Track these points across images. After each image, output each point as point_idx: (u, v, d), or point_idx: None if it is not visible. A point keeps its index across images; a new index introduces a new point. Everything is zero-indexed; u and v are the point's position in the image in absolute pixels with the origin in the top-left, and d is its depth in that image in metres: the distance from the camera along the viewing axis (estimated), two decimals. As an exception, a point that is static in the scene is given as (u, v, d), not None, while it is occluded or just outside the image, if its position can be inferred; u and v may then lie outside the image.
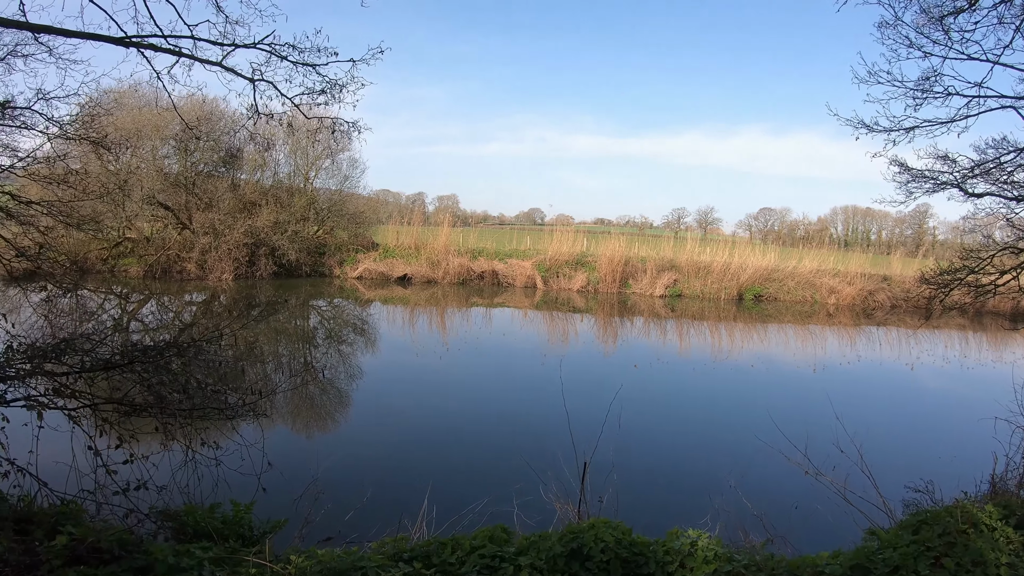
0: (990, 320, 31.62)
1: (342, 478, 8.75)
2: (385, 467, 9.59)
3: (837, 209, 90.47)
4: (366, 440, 10.99)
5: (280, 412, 11.66)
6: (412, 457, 10.11)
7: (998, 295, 11.24)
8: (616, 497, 6.95)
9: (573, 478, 6.93)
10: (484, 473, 9.46)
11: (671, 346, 21.03)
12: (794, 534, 6.72)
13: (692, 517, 6.70)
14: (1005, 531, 5.50)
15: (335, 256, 33.35)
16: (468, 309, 26.78)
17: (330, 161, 34.40)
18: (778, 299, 33.77)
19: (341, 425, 11.85)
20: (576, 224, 45.60)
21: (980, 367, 19.93)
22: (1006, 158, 9.82)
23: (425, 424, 11.82)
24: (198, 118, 27.60)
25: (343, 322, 22.95)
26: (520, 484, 7.50)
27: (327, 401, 13.13)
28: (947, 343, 24.43)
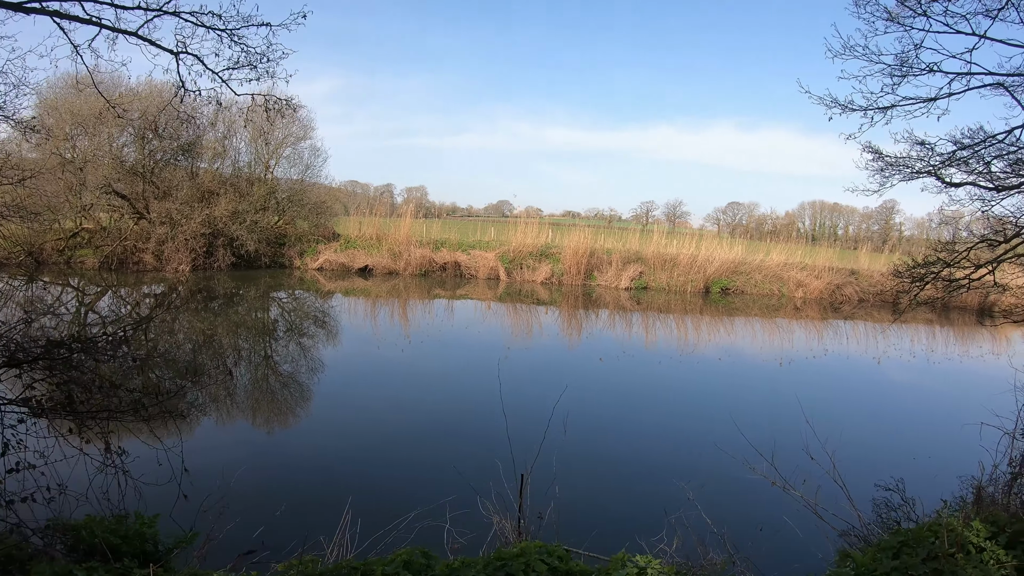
0: (957, 315, 31.75)
1: (259, 487, 7.99)
2: (308, 475, 8.73)
3: (805, 204, 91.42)
4: (291, 444, 10.14)
5: (205, 412, 10.80)
6: (339, 464, 9.25)
7: (968, 290, 10.80)
8: (560, 511, 6.27)
9: (512, 489, 6.22)
10: (418, 482, 8.59)
11: (636, 339, 20.54)
12: (759, 552, 6.11)
13: (646, 533, 6.12)
14: (996, 552, 4.92)
15: (295, 247, 32.95)
16: (430, 301, 26.17)
17: (291, 150, 34.00)
18: (745, 292, 33.65)
19: (267, 428, 10.94)
20: (545, 216, 45.14)
21: (947, 362, 19.77)
22: (986, 150, 9.29)
23: (358, 427, 10.94)
24: (158, 106, 26.58)
25: (299, 315, 22.07)
26: (455, 495, 6.82)
27: (257, 401, 12.20)
28: (914, 338, 24.39)
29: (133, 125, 28.37)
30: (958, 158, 9.39)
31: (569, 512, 6.77)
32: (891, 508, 7.49)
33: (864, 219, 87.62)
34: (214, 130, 31.46)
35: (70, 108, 27.20)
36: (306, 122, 34.01)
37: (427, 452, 9.86)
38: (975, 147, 9.26)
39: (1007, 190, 9.40)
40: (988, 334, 26.57)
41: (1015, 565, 4.77)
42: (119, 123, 27.39)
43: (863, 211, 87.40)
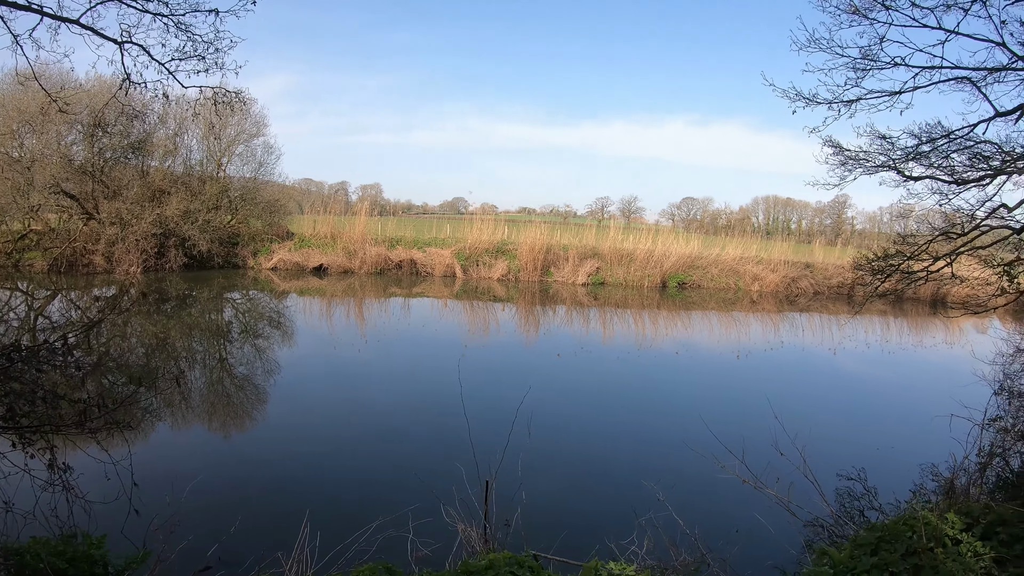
0: (910, 306, 32.55)
1: (213, 499, 7.57)
2: (264, 484, 8.30)
3: (758, 199, 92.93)
4: (246, 452, 9.64)
5: (157, 420, 10.31)
6: (296, 472, 8.82)
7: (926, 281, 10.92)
8: (527, 516, 6.04)
9: (477, 495, 6.01)
10: (378, 490, 8.28)
11: (594, 335, 20.48)
12: (733, 552, 5.97)
13: (616, 535, 5.95)
14: (973, 544, 4.88)
15: (249, 246, 32.26)
16: (386, 300, 25.83)
17: (244, 147, 33.35)
18: (702, 286, 33.99)
19: (220, 436, 10.44)
20: (501, 213, 45.02)
21: (905, 352, 20.26)
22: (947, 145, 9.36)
23: (314, 432, 10.46)
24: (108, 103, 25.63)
25: (254, 316, 21.38)
26: (417, 503, 6.55)
27: (210, 408, 11.64)
28: (870, 329, 24.84)
29: (81, 122, 27.45)
30: (920, 152, 9.47)
31: (536, 516, 6.55)
32: (857, 499, 7.50)
33: (817, 213, 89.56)
34: (165, 127, 30.79)
35: (16, 104, 26.06)
36: (259, 119, 33.50)
37: (387, 458, 9.51)
38: (936, 141, 9.34)
39: (966, 184, 9.49)
40: (942, 324, 27.31)
41: (992, 557, 4.74)
42: (67, 120, 26.38)
43: (816, 206, 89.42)
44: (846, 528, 6.37)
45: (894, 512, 6.89)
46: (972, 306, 11.18)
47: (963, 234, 9.98)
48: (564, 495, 8.33)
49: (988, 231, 9.91)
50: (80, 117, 26.97)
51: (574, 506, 8.05)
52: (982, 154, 9.12)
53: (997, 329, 24.78)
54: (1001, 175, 9.18)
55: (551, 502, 7.89)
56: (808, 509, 6.70)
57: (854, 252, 39.47)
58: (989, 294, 10.91)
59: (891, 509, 7.16)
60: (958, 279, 10.76)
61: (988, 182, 9.41)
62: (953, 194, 9.82)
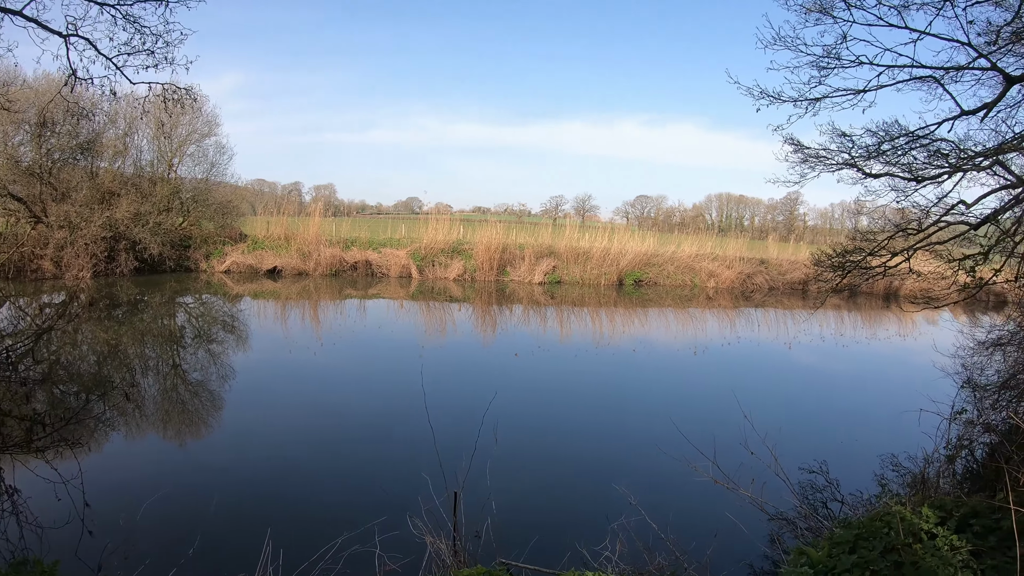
0: (864, 300, 33.43)
1: (170, 517, 7.18)
2: (222, 499, 7.84)
3: (711, 196, 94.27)
4: (203, 465, 9.11)
5: (107, 434, 9.80)
6: (254, 486, 8.44)
7: (884, 276, 11.13)
8: (497, 524, 5.92)
9: (445, 505, 5.88)
10: (342, 503, 7.93)
11: (552, 333, 20.42)
12: (708, 553, 5.93)
13: (588, 541, 5.90)
14: (949, 538, 4.92)
15: (201, 249, 31.64)
16: (342, 301, 25.43)
17: (195, 147, 32.71)
18: (658, 284, 34.35)
19: (175, 448, 9.90)
20: (456, 213, 44.93)
21: (861, 346, 20.69)
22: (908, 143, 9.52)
23: (272, 443, 10.03)
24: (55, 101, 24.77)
25: (207, 320, 20.65)
26: (384, 516, 6.34)
27: (164, 418, 11.08)
28: (824, 323, 25.34)
29: (28, 122, 26.51)
30: (881, 150, 9.61)
31: (506, 524, 6.42)
32: (829, 494, 7.54)
33: (770, 210, 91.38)
34: (115, 127, 29.94)
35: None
36: (211, 118, 32.80)
37: (350, 468, 9.17)
38: (896, 139, 9.50)
39: (925, 181, 9.66)
40: (895, 318, 28.03)
41: (969, 550, 4.79)
42: (13, 120, 25.42)
43: (768, 203, 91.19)
44: (821, 526, 6.38)
45: (867, 507, 6.96)
46: (933, 300, 11.41)
47: (922, 230, 10.17)
48: (533, 501, 8.18)
49: (946, 227, 10.11)
50: (27, 116, 26.06)
51: (544, 512, 7.89)
52: (941, 151, 9.29)
53: (949, 321, 25.52)
54: (958, 172, 9.36)
55: (521, 509, 7.75)
56: (782, 507, 6.73)
57: (807, 248, 40.51)
58: (944, 288, 11.16)
59: (864, 504, 7.23)
60: (915, 274, 10.94)
61: (945, 179, 9.62)
62: (911, 191, 10.02)
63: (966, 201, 9.58)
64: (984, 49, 8.07)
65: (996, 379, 8.05)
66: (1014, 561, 4.56)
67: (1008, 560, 4.66)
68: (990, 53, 8.05)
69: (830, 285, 11.82)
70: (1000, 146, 8.71)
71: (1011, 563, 4.58)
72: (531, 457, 9.72)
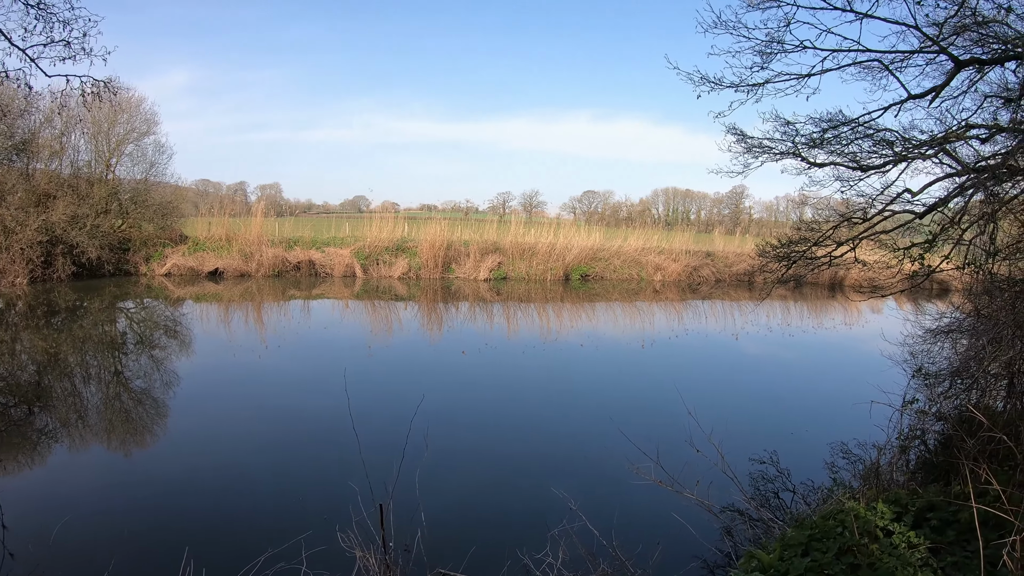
0: (810, 290, 33.99)
1: (87, 538, 6.65)
2: (140, 516, 7.29)
3: (658, 191, 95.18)
4: (120, 479, 8.47)
5: (29, 449, 9.15)
6: (173, 500, 7.80)
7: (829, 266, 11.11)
8: (432, 534, 5.57)
9: (374, 516, 5.50)
10: (267, 517, 7.37)
11: (498, 330, 20.18)
12: (654, 557, 5.68)
13: (529, 548, 5.62)
14: (906, 535, 4.75)
15: (141, 252, 30.70)
16: (286, 303, 24.74)
17: (134, 146, 31.65)
18: (605, 278, 34.47)
19: (97, 462, 9.14)
20: (402, 210, 44.53)
21: (804, 335, 21.06)
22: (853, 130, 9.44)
23: (195, 454, 9.35)
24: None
25: (148, 326, 19.70)
26: (311, 530, 5.93)
27: (84, 431, 10.25)
28: (770, 313, 25.79)
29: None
30: (825, 139, 9.50)
31: (441, 534, 6.11)
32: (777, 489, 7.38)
33: (715, 203, 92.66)
34: (51, 126, 28.76)
35: None
36: (149, 116, 31.83)
37: (278, 478, 8.56)
38: (840, 127, 9.40)
39: (869, 170, 9.60)
40: (841, 307, 28.52)
41: (928, 546, 4.62)
42: None
43: (714, 196, 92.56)
44: (771, 525, 6.19)
45: (818, 501, 6.83)
46: (880, 289, 11.41)
47: (867, 219, 10.13)
48: (469, 509, 7.79)
49: (891, 216, 10.08)
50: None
51: (482, 520, 7.53)
52: (886, 140, 9.22)
53: (893, 309, 26.05)
54: (904, 161, 9.30)
55: (458, 517, 7.38)
56: (730, 506, 6.54)
57: (753, 240, 41.07)
58: (890, 277, 11.17)
59: (815, 497, 7.10)
60: (861, 263, 10.91)
61: (890, 168, 9.56)
62: (856, 180, 9.96)
63: (912, 190, 9.55)
64: (932, 32, 7.98)
65: (947, 367, 7.99)
66: (975, 556, 4.42)
67: (968, 555, 4.52)
68: (938, 37, 7.96)
69: (776, 276, 11.73)
70: (946, 134, 8.66)
71: (972, 558, 4.44)
72: (468, 461, 9.30)
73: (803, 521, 5.35)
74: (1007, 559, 3.47)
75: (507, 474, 8.90)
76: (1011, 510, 3.95)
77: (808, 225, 11.23)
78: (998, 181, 7.48)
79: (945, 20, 7.80)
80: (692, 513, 6.56)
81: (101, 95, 8.44)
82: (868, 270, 12.21)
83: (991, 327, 5.75)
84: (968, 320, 8.15)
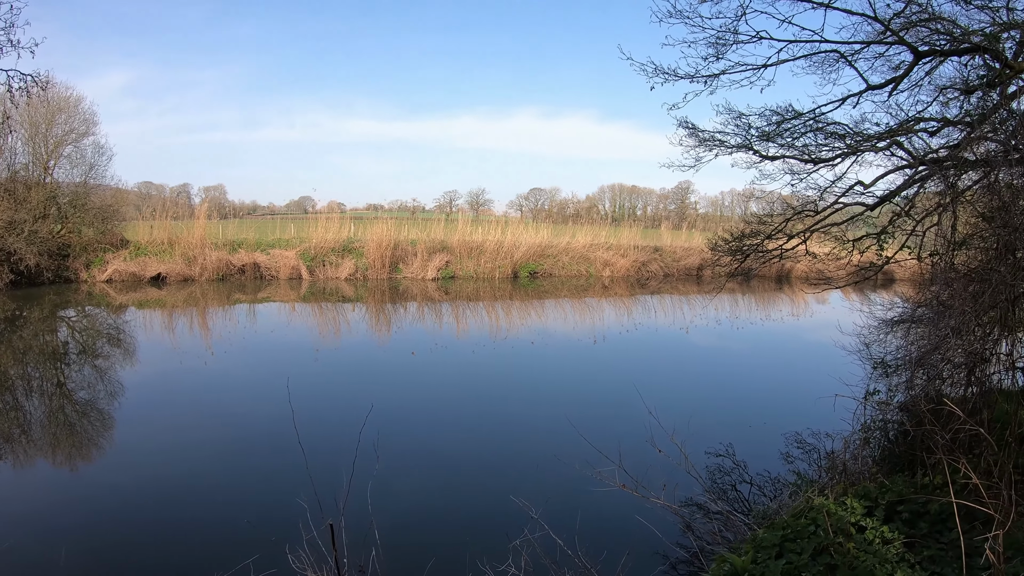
0: (757, 283, 34.51)
1: (24, 565, 6.20)
2: (78, 545, 6.65)
3: (604, 187, 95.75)
4: (58, 499, 7.85)
5: None
6: (114, 524, 7.26)
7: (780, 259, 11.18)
8: (387, 551, 5.27)
9: (325, 534, 5.19)
10: (214, 539, 6.92)
11: (448, 329, 19.93)
12: (621, 562, 5.52)
13: (490, 560, 5.38)
14: (879, 530, 4.69)
15: (81, 258, 29.40)
16: (231, 307, 23.99)
17: (73, 147, 30.33)
18: (553, 275, 34.55)
19: (30, 484, 8.51)
20: (348, 210, 43.90)
21: (752, 327, 21.37)
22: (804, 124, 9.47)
23: (143, 472, 8.72)
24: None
25: (90, 335, 18.76)
26: (259, 552, 5.60)
27: (26, 449, 9.59)
28: (719, 307, 26.05)
29: None
30: (779, 131, 9.51)
31: (398, 549, 5.86)
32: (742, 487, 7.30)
33: (662, 199, 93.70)
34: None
35: None
36: (88, 116, 30.44)
37: (222, 497, 8.04)
38: (792, 120, 9.43)
39: (822, 162, 9.65)
40: (788, 299, 29.01)
41: (903, 541, 4.56)
42: None
43: (660, 192, 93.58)
44: (739, 526, 6.09)
45: (780, 494, 6.77)
46: (832, 280, 11.50)
47: (818, 212, 10.20)
48: (427, 521, 7.50)
49: (842, 208, 10.16)
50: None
51: (439, 532, 7.24)
52: (837, 133, 9.27)
53: (840, 300, 26.53)
54: (855, 153, 9.38)
55: (414, 530, 7.10)
56: (696, 506, 6.43)
57: (700, 235, 41.59)
58: (839, 268, 11.27)
59: (782, 491, 7.04)
60: (811, 255, 10.98)
61: (840, 161, 9.63)
62: (807, 173, 10.02)
63: (863, 182, 9.65)
64: (896, 25, 8.01)
65: (904, 357, 8.03)
66: (950, 548, 4.38)
67: (943, 547, 4.48)
68: (898, 29, 7.99)
69: (727, 269, 11.76)
70: (898, 126, 8.74)
71: (947, 551, 4.39)
72: (423, 469, 8.96)
73: (775, 522, 5.25)
74: (989, 553, 3.39)
75: (464, 482, 8.60)
76: (991, 503, 3.88)
77: (760, 219, 11.27)
78: (958, 172, 7.53)
79: (903, 10, 7.84)
80: (657, 515, 6.40)
81: (30, 90, 8.26)
82: (817, 262, 12.30)
83: (954, 317, 5.74)
84: (922, 310, 8.19)
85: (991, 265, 5.72)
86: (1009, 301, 5.43)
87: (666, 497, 6.25)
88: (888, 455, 6.98)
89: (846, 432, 7.27)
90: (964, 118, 7.96)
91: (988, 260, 6.00)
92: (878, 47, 8.62)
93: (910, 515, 4.90)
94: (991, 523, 3.59)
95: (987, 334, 5.87)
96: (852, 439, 6.85)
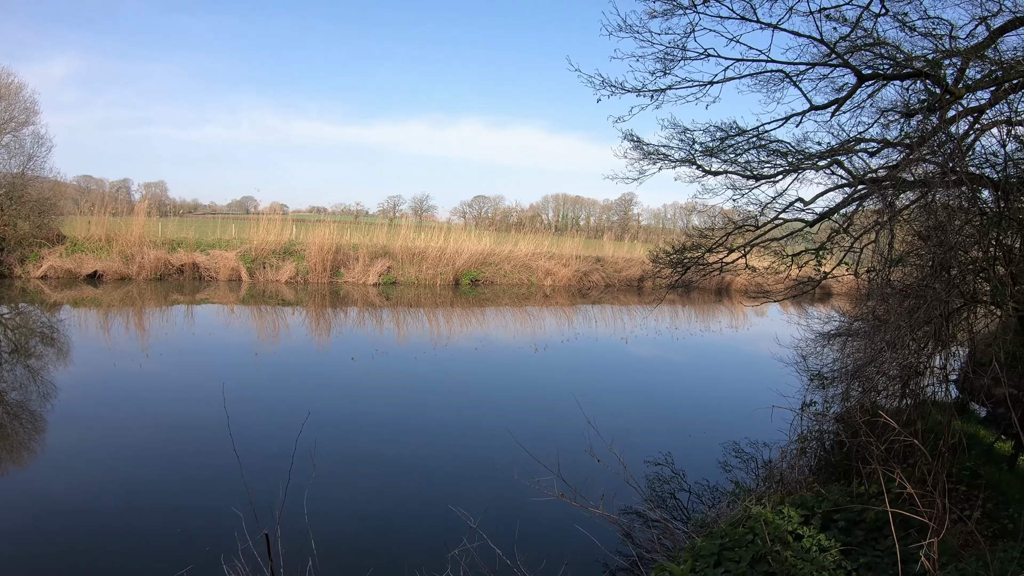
0: (697, 295, 35.19)
1: None
2: (6, 557, 6.28)
3: (548, 197, 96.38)
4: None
5: None
6: (38, 535, 6.79)
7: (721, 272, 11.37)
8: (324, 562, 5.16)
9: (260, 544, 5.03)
10: (144, 551, 6.54)
11: (389, 336, 19.67)
12: (559, 574, 5.48)
13: (428, 570, 5.36)
14: (816, 538, 4.76)
15: (15, 252, 28.24)
16: (168, 308, 23.14)
17: (11, 137, 29.10)
18: (495, 283, 34.54)
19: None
20: (291, 212, 43.07)
21: (691, 337, 21.78)
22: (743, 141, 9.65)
23: (70, 482, 8.24)
24: None
25: (21, 333, 17.66)
26: (193, 563, 5.43)
27: None
28: (659, 318, 26.49)
29: None
30: (723, 147, 9.67)
31: (335, 559, 5.69)
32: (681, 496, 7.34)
33: (605, 210, 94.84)
34: None
35: None
36: (29, 104, 29.18)
37: (155, 505, 7.64)
38: (736, 137, 9.60)
39: (763, 179, 9.84)
40: (728, 311, 29.54)
41: (840, 549, 4.63)
42: None
43: (604, 203, 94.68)
44: (678, 534, 6.12)
45: (718, 502, 6.83)
46: (772, 294, 11.72)
47: (759, 227, 10.39)
48: (365, 531, 7.34)
49: (783, 224, 10.37)
50: None
51: (377, 542, 7.08)
52: (779, 151, 9.47)
53: (778, 313, 27.16)
54: (796, 171, 9.59)
55: (352, 540, 6.93)
56: (635, 514, 6.43)
57: (642, 246, 42.12)
58: (777, 281, 11.50)
59: (720, 500, 7.11)
60: (751, 269, 11.18)
61: (782, 178, 9.84)
62: (748, 189, 10.22)
63: (804, 199, 9.89)
64: (841, 48, 8.20)
65: (841, 370, 8.22)
66: (886, 555, 4.46)
67: (879, 554, 4.56)
68: (843, 52, 8.19)
69: (668, 281, 11.90)
70: (839, 146, 8.95)
71: (883, 557, 4.47)
72: (361, 478, 8.79)
73: (713, 531, 5.29)
74: (925, 560, 3.46)
75: (402, 491, 8.43)
76: (925, 511, 3.97)
77: (701, 232, 11.44)
78: (896, 192, 7.75)
79: (849, 34, 8.04)
80: (596, 524, 6.38)
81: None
82: (757, 275, 12.52)
83: (889, 331, 5.89)
84: (859, 324, 8.41)
85: (926, 282, 5.90)
86: (943, 317, 5.61)
87: (605, 506, 6.24)
88: (824, 465, 7.13)
89: (783, 442, 7.43)
90: (904, 140, 8.21)
91: (923, 277, 6.19)
92: (823, 69, 8.84)
93: (846, 523, 5.00)
94: (926, 530, 3.67)
95: (921, 348, 6.06)
96: (789, 449, 6.97)
